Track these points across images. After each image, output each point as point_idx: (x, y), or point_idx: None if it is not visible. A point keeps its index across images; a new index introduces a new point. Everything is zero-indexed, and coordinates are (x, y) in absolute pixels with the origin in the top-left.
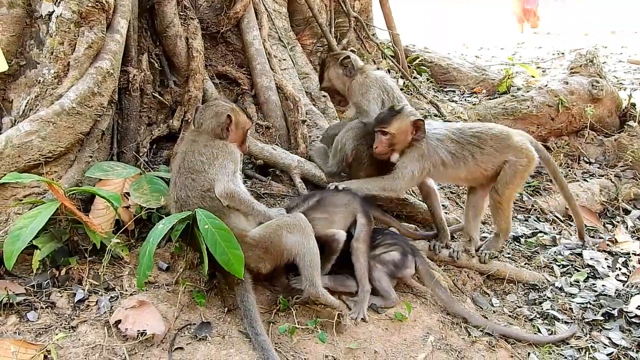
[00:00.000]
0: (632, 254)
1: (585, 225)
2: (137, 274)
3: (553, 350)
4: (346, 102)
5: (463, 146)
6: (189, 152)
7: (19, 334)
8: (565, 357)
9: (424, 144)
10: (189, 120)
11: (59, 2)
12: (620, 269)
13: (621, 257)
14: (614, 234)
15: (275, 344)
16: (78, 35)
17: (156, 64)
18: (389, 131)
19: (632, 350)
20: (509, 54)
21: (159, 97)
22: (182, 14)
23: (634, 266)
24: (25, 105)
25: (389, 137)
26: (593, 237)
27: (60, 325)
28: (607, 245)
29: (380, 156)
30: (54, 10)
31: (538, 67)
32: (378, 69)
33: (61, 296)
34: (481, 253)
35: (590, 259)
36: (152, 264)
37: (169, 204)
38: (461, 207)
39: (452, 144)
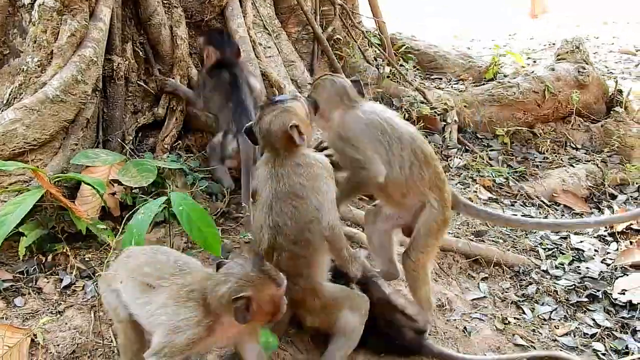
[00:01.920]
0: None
1: (572, 210)
2: None
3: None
4: None
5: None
6: (281, 175)
7: (6, 319)
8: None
9: None
10: (174, 108)
11: None
12: (608, 252)
13: (611, 240)
14: None
15: None
16: (61, 24)
17: (140, 53)
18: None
19: (616, 331)
20: (500, 45)
21: (144, 85)
22: (165, 2)
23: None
24: (10, 94)
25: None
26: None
27: (47, 310)
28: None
29: None
30: None
31: (529, 58)
32: None
33: (48, 282)
34: None
35: (578, 242)
36: None
37: (254, 229)
38: None
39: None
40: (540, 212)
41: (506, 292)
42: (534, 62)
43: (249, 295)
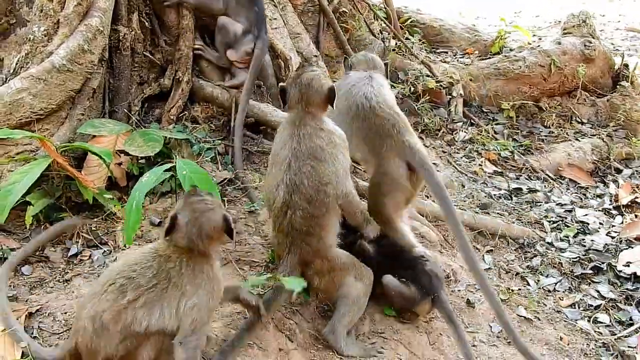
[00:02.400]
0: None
1: (577, 183)
2: (125, 230)
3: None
4: None
5: None
6: (304, 135)
7: (13, 288)
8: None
9: None
10: (179, 79)
11: None
12: (613, 225)
13: (616, 213)
14: (616, 192)
15: None
16: None
17: (146, 23)
18: None
19: (621, 303)
20: (507, 21)
21: (150, 56)
22: None
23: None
24: (16, 63)
25: None
26: (585, 195)
27: (54, 278)
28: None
29: None
30: None
31: (534, 35)
32: None
33: (55, 251)
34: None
35: (583, 215)
36: (141, 218)
37: (267, 187)
38: None
39: None
40: (545, 186)
41: (511, 264)
42: (540, 39)
43: (174, 214)
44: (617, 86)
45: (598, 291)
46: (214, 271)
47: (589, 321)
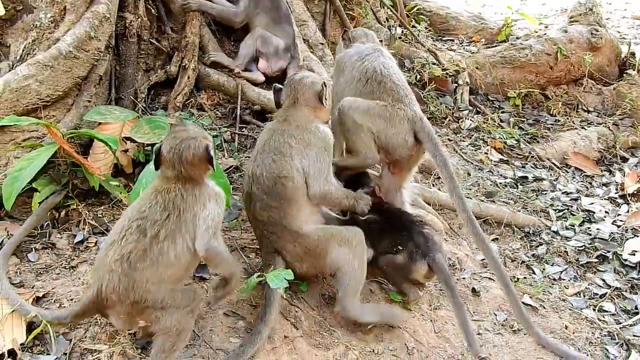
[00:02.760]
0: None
1: (583, 172)
2: None
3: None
4: None
5: None
6: (277, 131)
7: (19, 274)
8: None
9: None
10: (186, 66)
11: None
12: (618, 214)
13: (622, 202)
14: (622, 180)
15: None
16: None
17: (153, 10)
18: None
19: (626, 291)
20: (514, 9)
21: (156, 43)
22: None
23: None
24: (23, 50)
25: None
26: (591, 184)
27: (60, 265)
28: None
29: None
30: None
31: (540, 23)
32: None
33: (61, 237)
34: None
35: (589, 204)
36: None
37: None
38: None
39: None
40: (551, 174)
41: (516, 252)
42: (546, 27)
43: (158, 146)
44: (624, 74)
45: (603, 280)
46: (212, 187)
47: (594, 310)
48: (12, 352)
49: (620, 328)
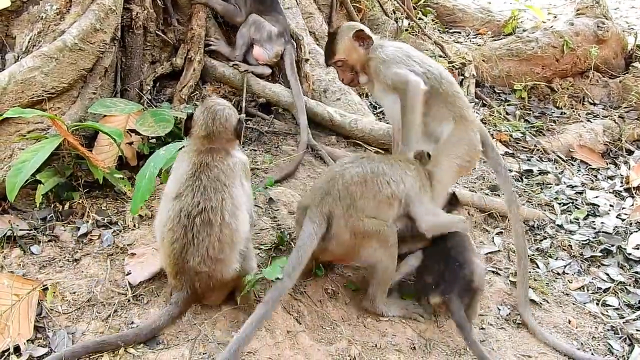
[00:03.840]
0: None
1: (589, 165)
2: (133, 199)
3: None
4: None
5: None
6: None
7: (22, 267)
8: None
9: (380, 53)
10: (191, 58)
11: None
12: (623, 208)
13: (627, 196)
14: (627, 173)
15: None
16: None
17: (159, 2)
18: (339, 58)
19: (630, 286)
20: (521, 1)
21: (162, 35)
22: None
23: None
24: (28, 42)
25: (343, 64)
26: (596, 177)
27: (64, 258)
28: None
29: (351, 84)
30: None
31: (549, 13)
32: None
33: (64, 230)
34: None
35: (594, 197)
36: (153, 189)
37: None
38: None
39: None
40: (556, 167)
41: None
42: (555, 17)
43: (189, 113)
44: (630, 67)
45: (607, 274)
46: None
47: (597, 304)
48: (17, 348)
49: (623, 322)
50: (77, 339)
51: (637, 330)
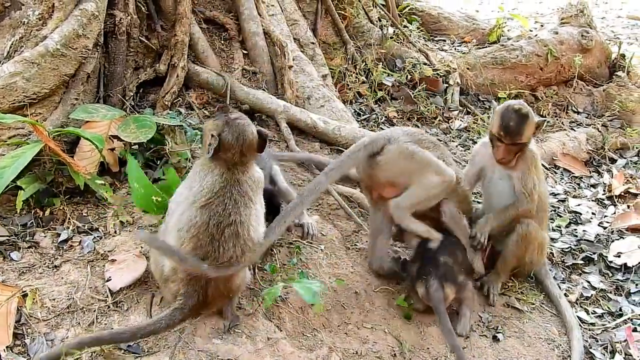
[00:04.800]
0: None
1: (572, 173)
2: (134, 194)
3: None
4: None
5: None
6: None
7: (2, 273)
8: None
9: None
10: (175, 65)
11: None
12: (605, 215)
13: (609, 204)
14: (610, 182)
15: None
16: None
17: (143, 8)
18: (523, 141)
19: (611, 293)
20: (508, 8)
21: (146, 41)
22: None
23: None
24: (10, 47)
25: (518, 146)
26: (579, 185)
27: (44, 264)
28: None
29: (503, 164)
30: None
31: (536, 22)
32: None
33: (45, 236)
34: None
35: (576, 205)
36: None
37: None
38: None
39: None
40: None
41: None
42: (541, 25)
43: (218, 133)
44: (614, 76)
45: (589, 281)
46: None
47: (579, 311)
48: None
49: (603, 330)
50: (56, 345)
51: (617, 339)
